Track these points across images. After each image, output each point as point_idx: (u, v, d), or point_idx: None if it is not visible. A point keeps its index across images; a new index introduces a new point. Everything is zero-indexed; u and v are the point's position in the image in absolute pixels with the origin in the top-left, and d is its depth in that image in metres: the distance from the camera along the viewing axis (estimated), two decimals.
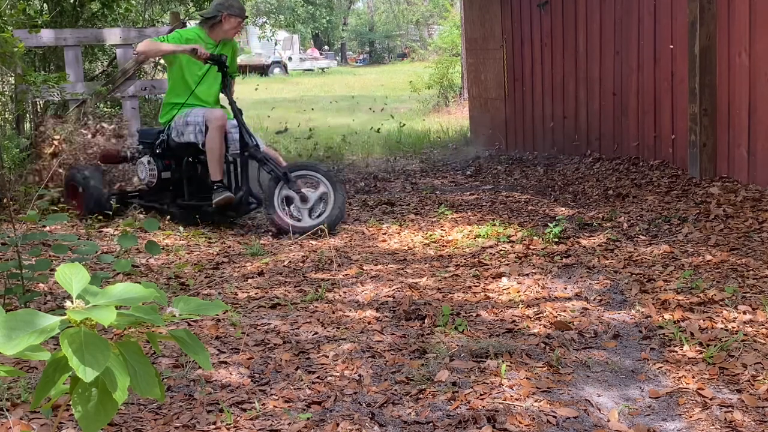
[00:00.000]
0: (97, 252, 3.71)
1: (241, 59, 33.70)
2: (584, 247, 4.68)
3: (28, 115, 7.53)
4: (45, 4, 8.54)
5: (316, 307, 3.74)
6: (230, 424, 2.51)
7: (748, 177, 5.63)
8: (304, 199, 5.44)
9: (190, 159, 5.78)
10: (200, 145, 5.57)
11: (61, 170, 6.23)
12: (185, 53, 5.48)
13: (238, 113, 5.56)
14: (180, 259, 4.76)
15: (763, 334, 3.14)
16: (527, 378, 2.81)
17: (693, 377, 2.79)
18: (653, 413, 2.57)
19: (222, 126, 5.47)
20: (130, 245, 3.56)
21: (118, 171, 6.45)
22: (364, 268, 4.45)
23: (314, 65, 37.80)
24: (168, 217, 5.73)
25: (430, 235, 5.25)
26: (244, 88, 24.18)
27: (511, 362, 2.95)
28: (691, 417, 2.51)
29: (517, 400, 2.63)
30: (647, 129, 7.01)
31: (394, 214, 6.01)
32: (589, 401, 2.64)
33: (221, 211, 5.58)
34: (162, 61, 12.10)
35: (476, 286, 4.03)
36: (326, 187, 5.49)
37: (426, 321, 3.47)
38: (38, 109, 7.65)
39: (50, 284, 3.94)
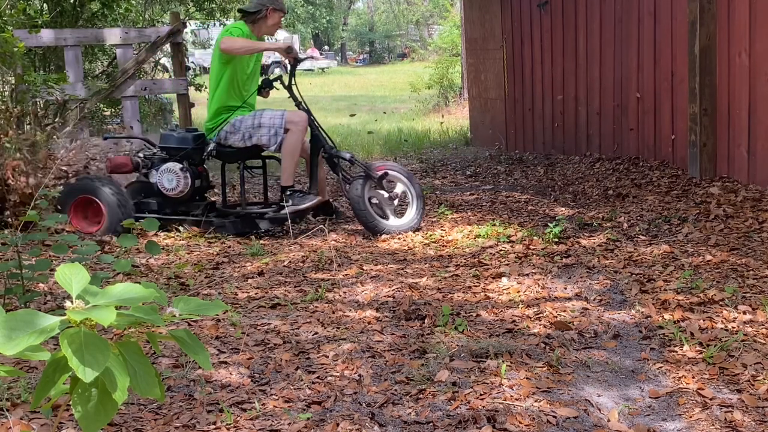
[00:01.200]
0: (96, 252, 3.71)
1: None
2: (584, 247, 4.67)
3: (28, 116, 7.53)
4: (45, 4, 8.55)
5: (316, 307, 3.74)
6: (230, 424, 2.51)
7: (748, 177, 5.63)
8: (391, 199, 5.46)
9: (238, 164, 5.59)
10: (271, 149, 5.39)
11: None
12: (279, 51, 5.39)
13: (310, 113, 5.49)
14: (180, 259, 4.76)
15: (763, 334, 3.14)
16: (527, 378, 2.81)
17: (693, 377, 2.79)
18: (653, 413, 2.57)
19: (305, 128, 5.40)
20: (130, 245, 3.56)
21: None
22: (364, 268, 4.45)
23: (314, 65, 37.79)
24: (207, 228, 5.37)
25: (430, 235, 5.25)
26: None
27: (511, 362, 2.95)
28: (691, 417, 2.51)
29: (517, 400, 2.63)
30: (647, 129, 7.01)
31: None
32: (589, 401, 2.64)
33: (301, 216, 5.44)
34: (162, 61, 12.12)
35: (476, 286, 4.03)
36: (405, 185, 5.51)
37: (426, 321, 3.47)
38: (38, 109, 7.65)
39: (50, 284, 3.94)
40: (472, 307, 3.66)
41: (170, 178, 5.41)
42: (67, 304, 1.42)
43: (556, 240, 4.82)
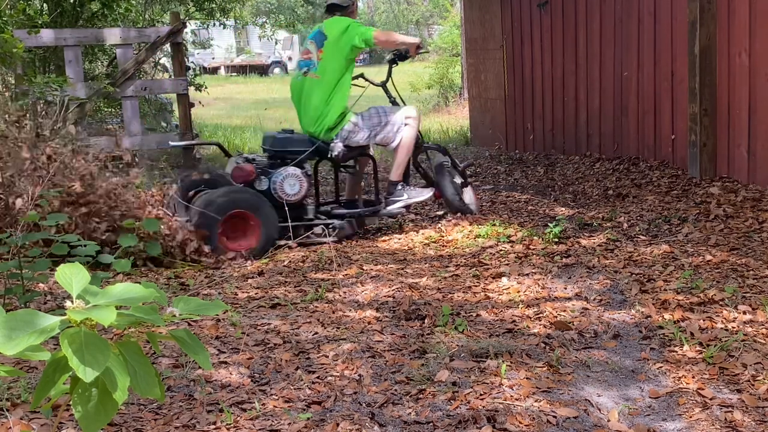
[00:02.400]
0: (96, 255, 3.71)
1: (241, 59, 33.77)
2: (584, 247, 4.67)
3: (27, 115, 7.52)
4: (45, 4, 8.55)
5: (316, 307, 3.74)
6: (230, 424, 2.51)
7: (748, 177, 5.63)
8: (465, 185, 5.83)
9: (350, 163, 5.57)
10: (393, 145, 5.40)
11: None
12: (412, 45, 5.40)
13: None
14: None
15: (763, 334, 3.14)
16: (527, 378, 2.81)
17: (693, 377, 2.79)
18: (653, 413, 2.57)
19: (420, 122, 5.62)
20: (129, 244, 3.56)
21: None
22: (364, 268, 4.45)
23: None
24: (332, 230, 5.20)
25: (430, 235, 5.25)
26: (245, 88, 24.21)
27: (511, 362, 2.94)
28: (691, 417, 2.51)
29: (517, 400, 2.63)
30: (647, 129, 7.01)
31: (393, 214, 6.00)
32: (589, 401, 2.64)
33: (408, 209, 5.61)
34: (162, 61, 12.12)
35: (476, 286, 4.03)
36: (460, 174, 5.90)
37: (426, 321, 3.47)
38: (38, 110, 7.65)
39: (50, 284, 3.94)
40: (472, 307, 3.66)
41: (292, 183, 5.09)
42: (67, 304, 1.42)
43: (556, 240, 4.82)
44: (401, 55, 5.50)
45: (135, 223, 3.96)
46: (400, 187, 5.39)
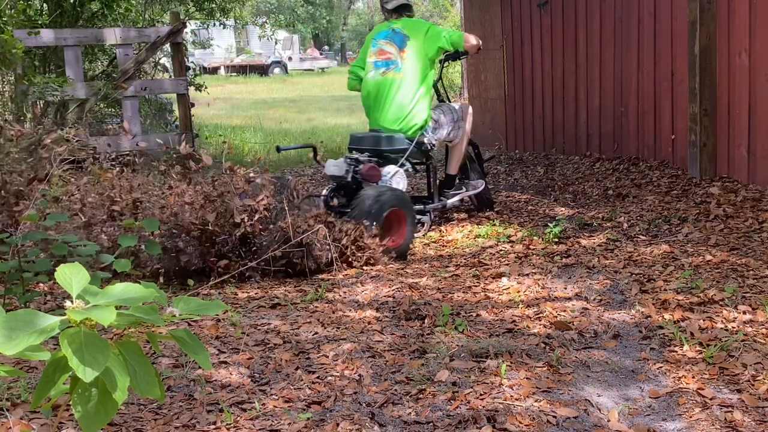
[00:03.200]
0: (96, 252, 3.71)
1: (241, 59, 33.79)
2: (584, 247, 4.67)
3: (28, 115, 7.52)
4: (45, 5, 8.55)
5: (316, 307, 3.74)
6: (230, 424, 2.51)
7: (748, 177, 5.63)
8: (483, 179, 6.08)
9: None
10: (455, 141, 5.69)
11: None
12: (475, 47, 5.58)
13: None
14: None
15: (763, 334, 3.14)
16: (527, 378, 2.81)
17: (693, 377, 2.79)
18: (653, 413, 2.57)
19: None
20: (129, 244, 3.56)
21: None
22: (364, 268, 4.45)
23: (314, 65, 37.80)
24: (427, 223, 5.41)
25: (430, 235, 5.25)
26: (244, 88, 24.20)
27: (511, 362, 2.94)
28: (691, 417, 2.51)
29: (517, 400, 2.63)
30: (647, 129, 7.01)
31: None
32: (589, 401, 2.64)
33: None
34: (162, 61, 12.12)
35: (476, 286, 4.03)
36: None
37: (426, 321, 3.47)
38: (38, 109, 7.65)
39: (50, 284, 3.94)
40: (472, 307, 3.66)
41: (399, 180, 5.18)
42: (67, 304, 1.42)
43: (556, 240, 4.82)
44: (455, 55, 5.63)
45: (135, 222, 3.95)
46: (457, 181, 5.69)
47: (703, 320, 3.31)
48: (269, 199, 4.25)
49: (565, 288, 3.93)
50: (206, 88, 10.41)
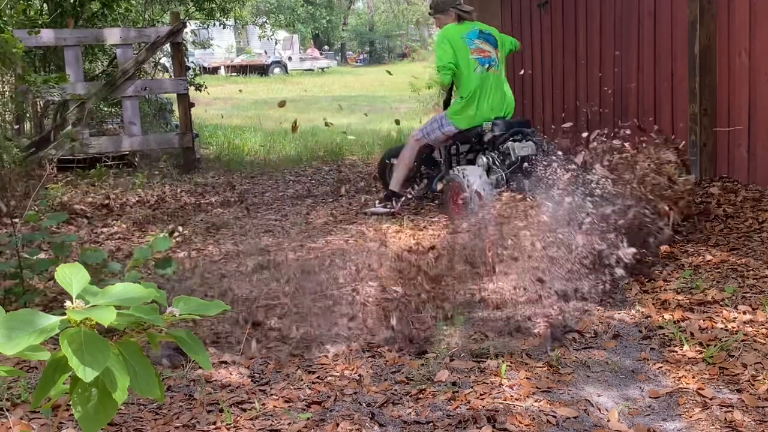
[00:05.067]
0: (104, 259, 3.69)
1: (241, 59, 33.78)
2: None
3: (28, 115, 7.53)
4: (45, 5, 8.55)
5: (317, 307, 3.73)
6: (230, 424, 2.51)
7: (748, 177, 5.62)
8: None
9: None
10: None
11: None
12: None
13: None
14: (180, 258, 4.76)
15: (763, 334, 3.14)
16: (527, 378, 2.81)
17: (693, 377, 2.79)
18: (653, 413, 2.57)
19: None
20: (165, 247, 3.53)
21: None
22: (364, 268, 4.44)
23: (314, 65, 37.79)
24: None
25: (430, 235, 5.25)
26: (244, 88, 24.19)
27: (511, 362, 2.94)
28: (691, 417, 2.51)
29: (517, 400, 2.63)
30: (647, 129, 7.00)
31: (393, 214, 6.00)
32: (589, 401, 2.64)
33: None
34: (162, 61, 12.11)
35: (476, 285, 4.02)
36: None
37: (426, 321, 3.46)
38: (38, 109, 7.65)
39: (50, 284, 3.94)
40: (472, 307, 3.65)
41: None
42: (67, 303, 1.42)
43: None
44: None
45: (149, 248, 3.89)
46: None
47: (703, 320, 3.31)
48: None
49: (566, 288, 3.92)
50: (206, 88, 10.41)
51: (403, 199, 5.93)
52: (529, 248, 3.83)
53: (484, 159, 5.59)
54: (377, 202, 6.01)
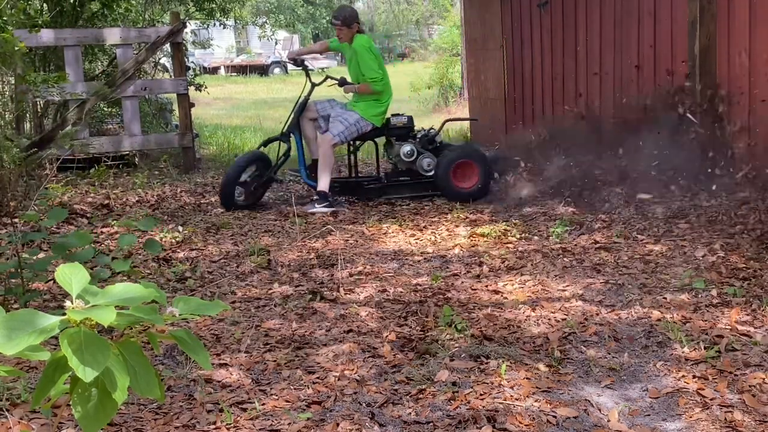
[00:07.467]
0: (93, 256, 3.70)
1: (241, 59, 33.78)
2: (584, 247, 4.67)
3: (28, 115, 7.52)
4: (45, 4, 8.54)
5: (317, 307, 3.74)
6: (230, 424, 2.51)
7: None
8: None
9: None
10: None
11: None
12: None
13: None
14: (180, 259, 4.76)
15: (763, 334, 3.14)
16: (527, 378, 2.81)
17: (693, 377, 2.79)
18: (653, 413, 2.57)
19: None
20: (128, 243, 3.55)
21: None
22: (365, 267, 4.45)
23: (314, 65, 37.75)
24: None
25: (430, 236, 5.25)
26: (244, 88, 24.19)
27: (511, 362, 2.94)
28: (691, 417, 2.51)
29: (517, 400, 2.63)
30: None
31: (394, 214, 6.00)
32: (589, 401, 2.64)
33: None
34: (162, 61, 12.11)
35: (476, 286, 4.03)
36: None
37: (426, 321, 3.47)
38: (38, 109, 7.65)
39: (50, 284, 3.94)
40: (472, 308, 3.66)
41: None
42: (67, 303, 1.42)
43: (557, 240, 4.82)
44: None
45: (133, 222, 3.94)
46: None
47: (703, 320, 3.31)
48: None
49: (565, 288, 3.93)
50: (206, 88, 10.41)
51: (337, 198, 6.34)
52: None
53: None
54: (315, 203, 6.07)
